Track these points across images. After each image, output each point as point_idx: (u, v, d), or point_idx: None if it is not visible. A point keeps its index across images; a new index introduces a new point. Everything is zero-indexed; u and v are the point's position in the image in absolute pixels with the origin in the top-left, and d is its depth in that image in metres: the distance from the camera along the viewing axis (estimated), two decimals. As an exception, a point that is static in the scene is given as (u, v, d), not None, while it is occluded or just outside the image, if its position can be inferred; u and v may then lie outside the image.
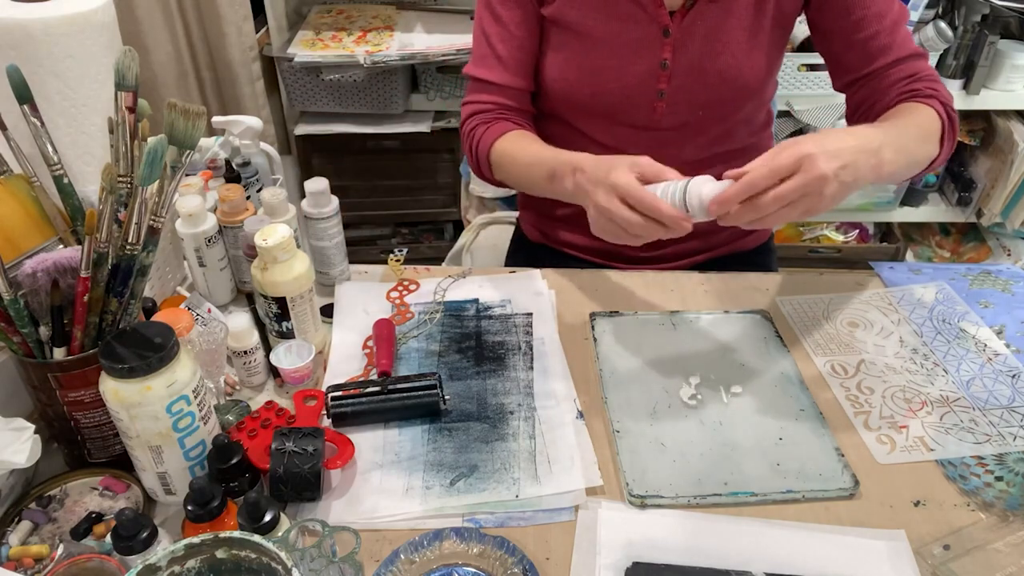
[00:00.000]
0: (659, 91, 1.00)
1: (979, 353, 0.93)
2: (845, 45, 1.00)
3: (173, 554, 0.55)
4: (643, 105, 1.02)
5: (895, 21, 0.98)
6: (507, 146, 1.01)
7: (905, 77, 0.98)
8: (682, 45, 0.98)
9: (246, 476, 0.71)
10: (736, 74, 0.99)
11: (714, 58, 0.98)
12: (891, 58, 0.98)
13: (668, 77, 0.99)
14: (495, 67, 1.03)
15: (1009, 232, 2.12)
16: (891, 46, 0.98)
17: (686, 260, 1.16)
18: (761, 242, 1.22)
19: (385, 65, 1.92)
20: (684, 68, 0.99)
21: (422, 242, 2.39)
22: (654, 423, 0.83)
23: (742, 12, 0.97)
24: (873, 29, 0.97)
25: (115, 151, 0.70)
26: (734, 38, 0.97)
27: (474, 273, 1.07)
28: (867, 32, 0.97)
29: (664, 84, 1.00)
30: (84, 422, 0.72)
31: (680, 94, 1.00)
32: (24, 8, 0.75)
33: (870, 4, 0.96)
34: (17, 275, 0.68)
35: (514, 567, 0.67)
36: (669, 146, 1.04)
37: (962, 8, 1.90)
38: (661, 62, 0.98)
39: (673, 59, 0.98)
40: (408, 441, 0.81)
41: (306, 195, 0.97)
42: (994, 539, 0.71)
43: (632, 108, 1.02)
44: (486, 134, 1.04)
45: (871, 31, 0.97)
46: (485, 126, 1.04)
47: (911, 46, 0.99)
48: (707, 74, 0.99)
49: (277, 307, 0.86)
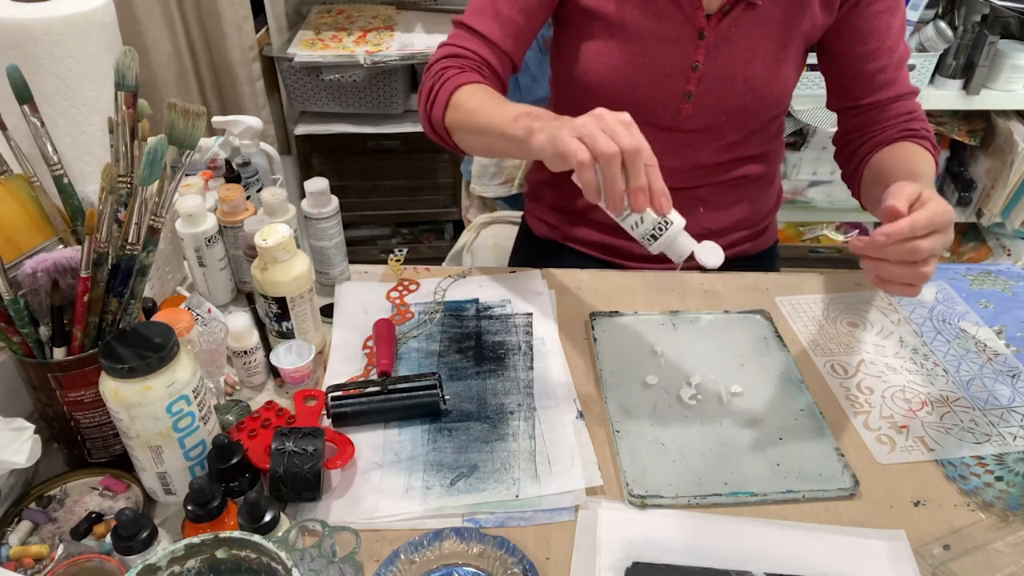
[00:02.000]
0: (687, 92, 1.01)
1: (979, 353, 0.93)
2: (854, 72, 1.03)
3: (173, 554, 0.55)
4: (669, 105, 1.02)
5: (901, 59, 1.03)
6: (476, 92, 0.93)
7: (903, 114, 1.03)
8: (715, 49, 0.98)
9: (246, 476, 0.71)
10: (764, 84, 1.00)
11: (744, 65, 0.99)
12: (894, 93, 1.03)
13: (698, 79, 1.00)
14: (490, 21, 0.98)
15: (1009, 232, 2.12)
16: (895, 81, 1.03)
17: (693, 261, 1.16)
18: (767, 247, 1.22)
19: (385, 65, 1.92)
20: (714, 72, 0.99)
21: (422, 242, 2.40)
22: (654, 423, 0.83)
23: (775, 23, 0.98)
24: (883, 63, 1.01)
25: (115, 151, 0.70)
26: (765, 48, 0.99)
27: (474, 273, 1.07)
28: (877, 64, 1.01)
29: (693, 86, 1.00)
30: (84, 422, 0.72)
31: (707, 98, 1.01)
32: (24, 8, 0.75)
33: (884, 38, 1.00)
34: (17, 275, 0.68)
35: (514, 567, 0.67)
36: (687, 148, 1.05)
37: (962, 8, 1.90)
38: (693, 64, 0.99)
39: (705, 62, 0.99)
40: (408, 441, 0.81)
41: (306, 195, 0.97)
42: (994, 539, 0.71)
43: (658, 107, 1.02)
44: (458, 76, 0.96)
45: (881, 64, 1.01)
46: (459, 70, 0.97)
47: (910, 85, 1.05)
48: (736, 81, 0.99)
49: (277, 307, 0.86)
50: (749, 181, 1.13)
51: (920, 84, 1.94)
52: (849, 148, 1.09)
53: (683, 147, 1.05)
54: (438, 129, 0.98)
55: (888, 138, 1.02)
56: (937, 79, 1.97)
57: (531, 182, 1.26)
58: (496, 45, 0.99)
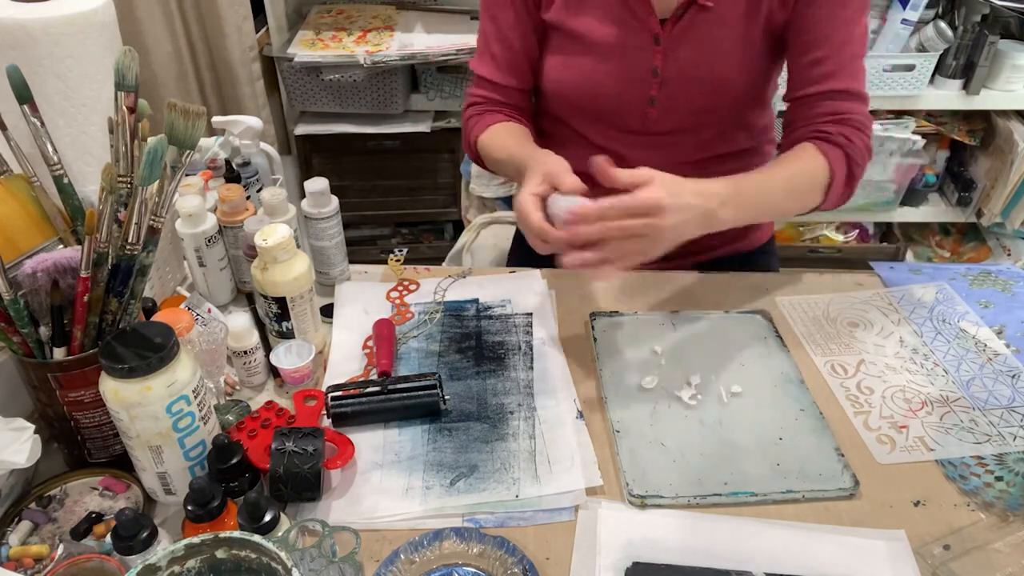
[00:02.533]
0: (650, 97, 1.01)
1: (979, 353, 0.93)
2: (793, 63, 0.99)
3: (173, 554, 0.55)
4: (635, 110, 1.02)
5: (853, 54, 0.96)
6: (489, 139, 1.06)
7: (829, 113, 0.96)
8: (672, 53, 0.98)
9: (246, 476, 0.71)
10: (729, 83, 0.99)
11: (705, 67, 0.98)
12: (825, 88, 0.96)
13: (659, 84, 1.00)
14: (490, 65, 1.07)
15: (1009, 232, 2.12)
16: (833, 75, 0.95)
17: (689, 259, 1.16)
18: (762, 242, 1.22)
19: (385, 65, 1.92)
20: (675, 76, 0.99)
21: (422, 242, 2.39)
22: (654, 423, 0.83)
23: (734, 21, 0.96)
24: (820, 54, 0.95)
25: (115, 151, 0.70)
26: (726, 47, 0.97)
27: (474, 273, 1.07)
28: (815, 55, 0.95)
29: (655, 91, 1.00)
30: (84, 422, 0.72)
31: (671, 101, 1.01)
32: (24, 8, 0.75)
33: (829, 31, 0.94)
34: (17, 275, 0.68)
35: (514, 567, 0.67)
36: (663, 149, 1.04)
37: (962, 8, 1.90)
38: (652, 69, 0.99)
39: (664, 67, 0.98)
40: (408, 441, 0.81)
41: (306, 195, 0.97)
42: (994, 539, 0.71)
43: (625, 112, 1.03)
44: (477, 125, 1.08)
45: (819, 55, 0.95)
46: (478, 117, 1.09)
47: (853, 82, 0.96)
48: (699, 82, 0.99)
49: (277, 307, 0.86)
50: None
51: (920, 84, 1.94)
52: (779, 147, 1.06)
53: (659, 148, 1.05)
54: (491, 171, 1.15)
55: (800, 136, 0.97)
56: (937, 79, 1.96)
57: None
58: (500, 85, 1.08)
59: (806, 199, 0.95)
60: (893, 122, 2.05)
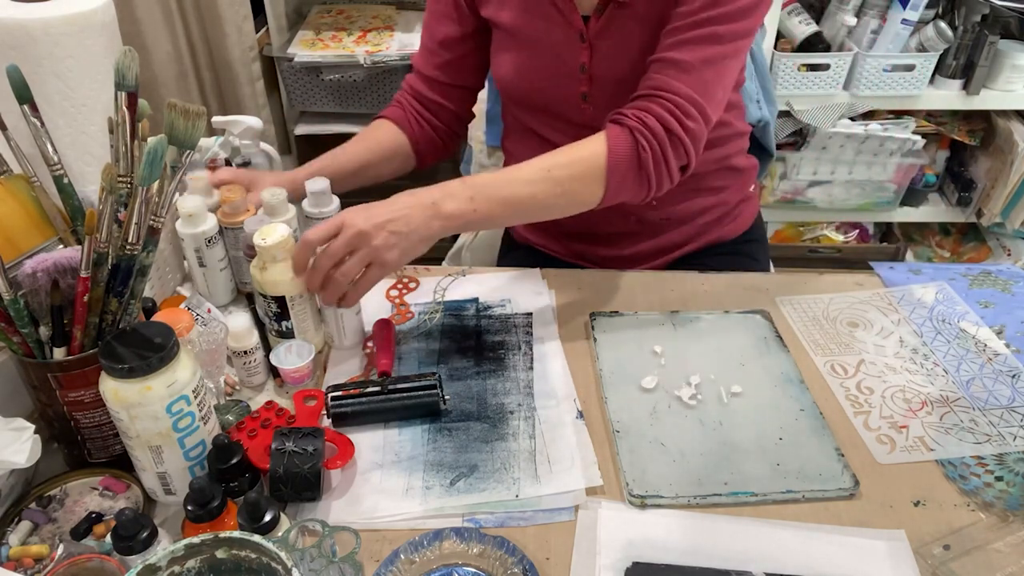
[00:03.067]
0: (582, 93, 1.01)
1: (979, 353, 0.93)
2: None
3: (173, 554, 0.55)
4: (572, 105, 1.02)
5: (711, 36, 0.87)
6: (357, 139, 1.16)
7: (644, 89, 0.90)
8: (597, 49, 0.97)
9: (246, 476, 0.71)
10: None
11: (627, 64, 0.96)
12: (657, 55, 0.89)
13: (588, 80, 0.99)
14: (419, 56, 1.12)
15: (1009, 232, 2.12)
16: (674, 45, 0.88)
17: (668, 256, 1.16)
18: (743, 230, 1.21)
19: (385, 65, 1.92)
20: (601, 73, 0.99)
21: (422, 242, 2.39)
22: (654, 423, 0.83)
23: (648, 20, 0.93)
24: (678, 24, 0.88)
25: (115, 151, 0.70)
26: (646, 43, 0.94)
27: (474, 272, 1.07)
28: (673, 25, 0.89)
29: (585, 87, 1.00)
30: (84, 422, 0.72)
31: (602, 98, 1.00)
32: (24, 8, 0.75)
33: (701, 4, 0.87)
34: (17, 275, 0.68)
35: (514, 567, 0.67)
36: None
37: (962, 8, 1.90)
38: (580, 65, 0.99)
39: (591, 63, 0.98)
40: (408, 441, 0.81)
41: (307, 195, 0.97)
42: (994, 539, 0.71)
43: (563, 106, 1.03)
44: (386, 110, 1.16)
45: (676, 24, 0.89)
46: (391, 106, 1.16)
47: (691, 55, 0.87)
48: (623, 80, 0.96)
49: (277, 307, 0.86)
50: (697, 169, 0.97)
51: (920, 84, 1.94)
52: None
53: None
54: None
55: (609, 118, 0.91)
56: (937, 79, 1.96)
57: None
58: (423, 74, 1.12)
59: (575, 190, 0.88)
60: (893, 122, 2.05)
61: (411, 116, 1.13)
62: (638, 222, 1.12)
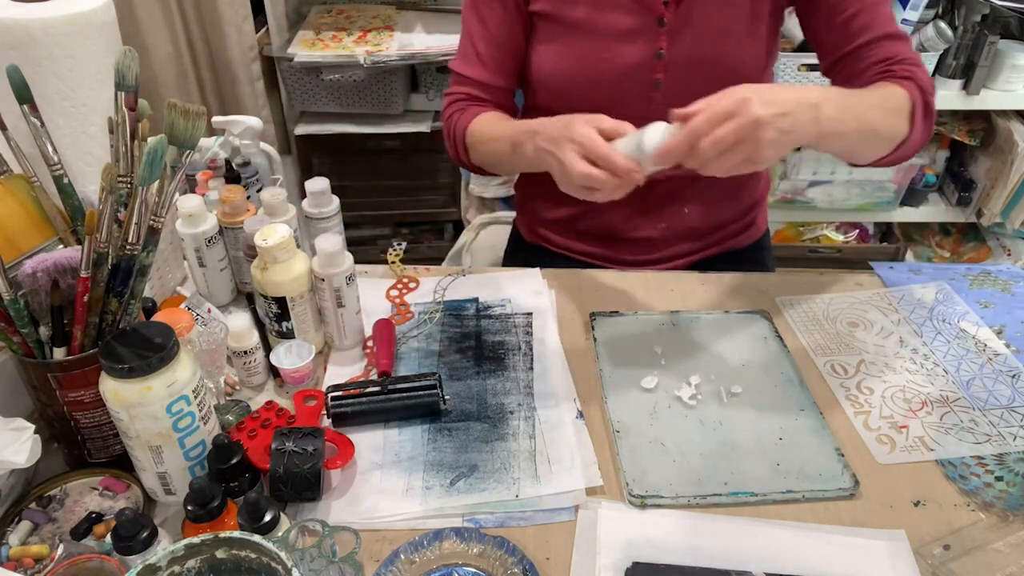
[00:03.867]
0: (655, 81, 1.00)
1: (979, 353, 0.93)
2: (826, 25, 0.98)
3: (173, 554, 0.55)
4: (638, 95, 1.01)
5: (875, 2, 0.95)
6: (478, 126, 1.04)
7: (883, 59, 0.95)
8: (677, 34, 0.97)
9: (246, 476, 0.71)
10: (735, 64, 0.98)
11: (711, 47, 0.97)
12: (869, 36, 0.95)
13: (664, 67, 0.99)
14: (475, 64, 1.06)
15: (1009, 232, 2.12)
16: (871, 25, 0.95)
17: (681, 260, 1.16)
18: (754, 239, 1.22)
19: (385, 65, 1.92)
20: (681, 58, 0.98)
21: (422, 242, 2.39)
22: (654, 423, 0.83)
23: (739, 0, 0.96)
24: (855, 8, 0.95)
25: (115, 151, 0.70)
26: (732, 27, 0.97)
27: (474, 272, 1.07)
28: (849, 12, 0.95)
29: (660, 74, 0.99)
30: (84, 422, 0.72)
31: (677, 84, 0.99)
32: (24, 8, 0.75)
33: None
34: (17, 275, 0.68)
35: (514, 567, 0.67)
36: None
37: (962, 8, 1.90)
38: (656, 52, 0.98)
39: (669, 49, 0.98)
40: (408, 441, 0.81)
41: (307, 195, 0.97)
42: (994, 539, 0.71)
43: (627, 99, 1.01)
44: (462, 118, 1.06)
45: (853, 10, 0.95)
46: (460, 112, 1.07)
47: (891, 27, 0.96)
48: (704, 64, 0.97)
49: (277, 307, 0.86)
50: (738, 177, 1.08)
51: (920, 84, 1.94)
52: None
53: None
54: (474, 169, 1.11)
55: (862, 84, 0.95)
56: (937, 79, 1.96)
57: (518, 193, 1.27)
58: (486, 84, 1.06)
59: (896, 121, 0.90)
60: (893, 122, 2.05)
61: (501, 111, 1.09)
62: (667, 228, 1.12)
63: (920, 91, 0.91)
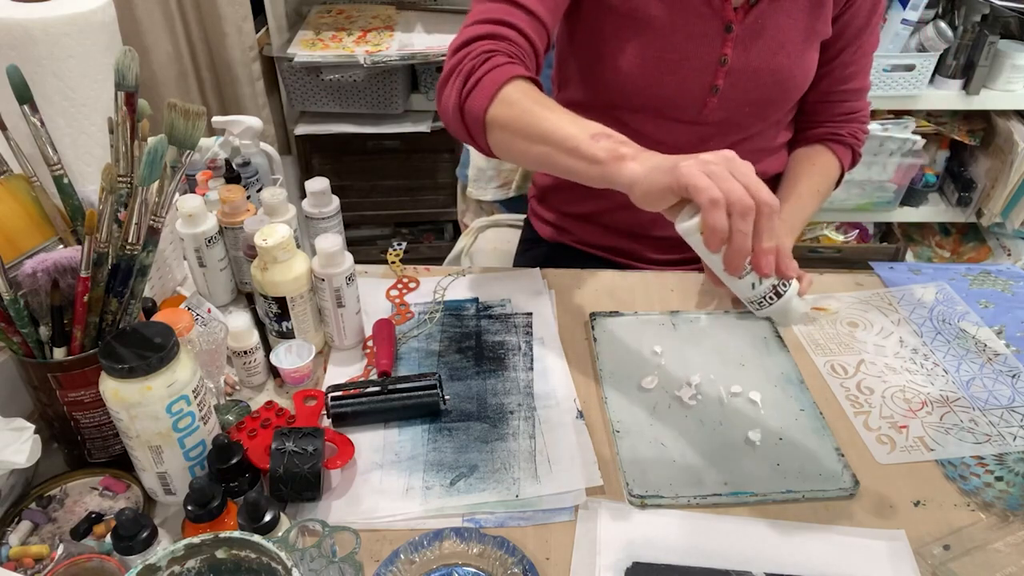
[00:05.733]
0: (714, 86, 1.00)
1: (979, 353, 0.93)
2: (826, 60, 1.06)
3: (173, 554, 0.55)
4: (695, 99, 1.01)
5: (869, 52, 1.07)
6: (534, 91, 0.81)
7: (845, 113, 1.10)
8: (742, 42, 0.98)
9: (246, 476, 0.71)
10: (789, 74, 1.01)
11: (771, 57, 0.99)
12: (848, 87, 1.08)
13: (726, 73, 0.99)
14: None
15: (1009, 232, 2.12)
16: (855, 76, 1.08)
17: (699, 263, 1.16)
18: None
19: (385, 65, 1.92)
20: (742, 65, 0.99)
21: (422, 242, 2.40)
22: (654, 423, 0.83)
23: (801, 14, 0.99)
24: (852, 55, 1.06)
25: (115, 151, 0.70)
26: (791, 38, 0.99)
27: (474, 272, 1.07)
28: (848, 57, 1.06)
29: (720, 80, 0.99)
30: (84, 422, 0.72)
31: (734, 91, 1.00)
32: (24, 8, 0.75)
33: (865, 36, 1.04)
34: (17, 275, 0.68)
35: (514, 567, 0.67)
36: (708, 142, 1.04)
37: (962, 8, 1.90)
38: (720, 58, 0.98)
39: (733, 55, 0.98)
40: (408, 441, 0.81)
41: (307, 195, 0.97)
42: (994, 539, 0.71)
43: (683, 102, 1.01)
44: (509, 65, 0.82)
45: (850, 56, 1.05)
46: (508, 57, 0.84)
47: (867, 81, 1.10)
48: (762, 72, 1.00)
49: (277, 307, 0.86)
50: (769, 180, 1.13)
51: (920, 84, 1.94)
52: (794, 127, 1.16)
53: (704, 140, 1.03)
54: (472, 121, 0.83)
55: (815, 136, 1.11)
56: (937, 79, 1.96)
57: (538, 186, 1.26)
58: (535, 15, 0.87)
59: (827, 193, 1.12)
60: (893, 122, 2.05)
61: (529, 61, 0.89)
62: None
63: (852, 156, 1.12)
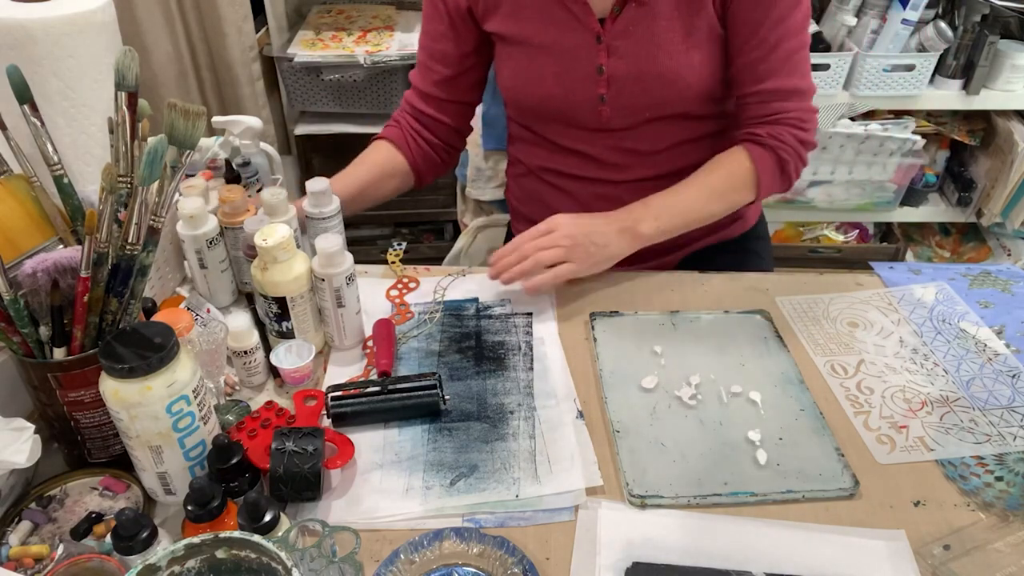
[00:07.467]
0: (599, 95, 1.02)
1: (979, 353, 0.93)
2: (731, 63, 1.01)
3: (173, 554, 0.55)
4: (588, 109, 1.03)
5: (788, 52, 0.97)
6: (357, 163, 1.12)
7: (761, 116, 1.02)
8: (616, 51, 0.99)
9: (246, 476, 0.71)
10: (675, 75, 0.99)
11: (650, 61, 0.99)
12: (760, 88, 1.00)
13: (606, 82, 1.01)
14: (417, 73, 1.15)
15: (1009, 232, 2.11)
16: (767, 76, 0.99)
17: (679, 252, 1.17)
18: (746, 229, 1.22)
19: (385, 65, 1.92)
20: (620, 73, 1.00)
21: (422, 242, 2.39)
22: (654, 423, 0.83)
23: (672, 13, 0.97)
24: (756, 55, 0.98)
25: (115, 151, 0.70)
26: (669, 39, 0.98)
27: (474, 272, 1.07)
28: (750, 57, 0.98)
29: (603, 89, 1.01)
30: (84, 422, 0.72)
31: (622, 98, 1.01)
32: (24, 8, 0.75)
33: (763, 33, 0.96)
34: (17, 275, 0.68)
35: (514, 567, 0.67)
36: (625, 142, 1.06)
37: (962, 8, 1.90)
38: (597, 67, 1.00)
39: (608, 64, 1.00)
40: (408, 441, 0.81)
41: (307, 195, 0.97)
42: (994, 539, 0.71)
43: (579, 112, 1.04)
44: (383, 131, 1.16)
45: (754, 56, 0.98)
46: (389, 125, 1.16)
47: (789, 81, 0.99)
48: (645, 77, 1.00)
49: (277, 307, 0.86)
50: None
51: (920, 84, 1.94)
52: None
53: (621, 143, 1.06)
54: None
55: (738, 137, 1.04)
56: (937, 79, 1.96)
57: (509, 198, 1.29)
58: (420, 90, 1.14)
59: (736, 196, 1.03)
60: (893, 122, 2.05)
61: (408, 136, 1.14)
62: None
63: (775, 159, 1.01)
